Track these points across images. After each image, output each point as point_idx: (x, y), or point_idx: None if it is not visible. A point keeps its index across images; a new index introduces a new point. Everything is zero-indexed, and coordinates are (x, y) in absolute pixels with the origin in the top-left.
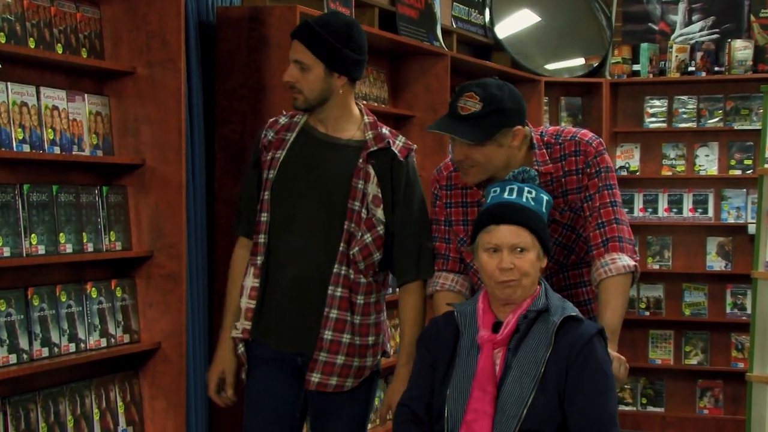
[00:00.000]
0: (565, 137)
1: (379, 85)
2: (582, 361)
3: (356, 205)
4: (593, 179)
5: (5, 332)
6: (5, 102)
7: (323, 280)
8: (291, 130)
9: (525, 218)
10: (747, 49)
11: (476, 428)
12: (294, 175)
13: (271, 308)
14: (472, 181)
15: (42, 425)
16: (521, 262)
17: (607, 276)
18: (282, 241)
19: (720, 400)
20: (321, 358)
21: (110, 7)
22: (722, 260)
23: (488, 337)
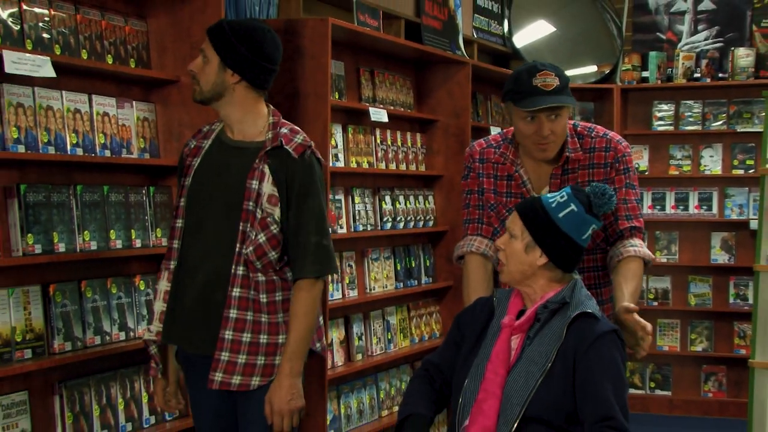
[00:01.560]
0: (598, 133)
1: (405, 92)
2: (591, 355)
3: (250, 206)
4: (620, 175)
5: (61, 322)
6: (60, 109)
7: (226, 282)
8: (208, 137)
9: (524, 210)
10: (749, 56)
11: (485, 408)
12: (204, 181)
13: (180, 312)
14: (551, 154)
15: (95, 407)
16: (507, 246)
17: (635, 255)
18: (192, 246)
19: (723, 385)
20: (222, 358)
21: (156, 20)
22: (726, 254)
23: (508, 321)
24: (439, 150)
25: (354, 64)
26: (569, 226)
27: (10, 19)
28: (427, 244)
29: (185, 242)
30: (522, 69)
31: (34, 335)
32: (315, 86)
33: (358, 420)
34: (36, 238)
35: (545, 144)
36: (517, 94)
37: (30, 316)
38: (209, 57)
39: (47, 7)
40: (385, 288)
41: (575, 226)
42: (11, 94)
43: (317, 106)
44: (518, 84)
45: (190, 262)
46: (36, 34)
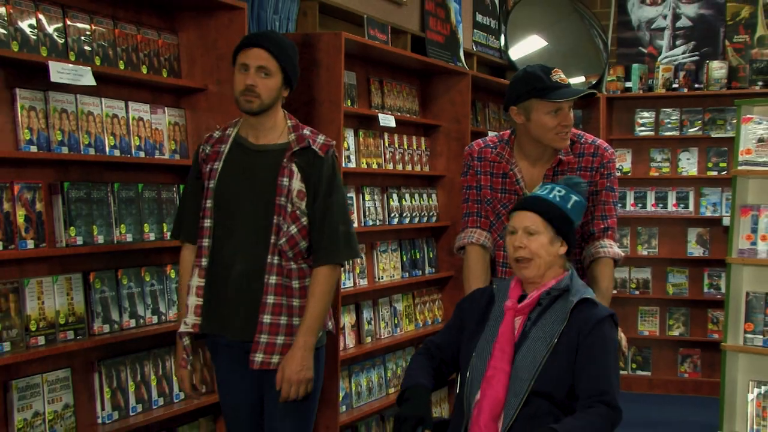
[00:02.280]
0: (587, 140)
1: (411, 99)
2: (593, 338)
3: (282, 201)
4: (603, 179)
5: (100, 306)
6: (100, 114)
7: (263, 272)
8: (224, 142)
9: (540, 207)
10: (722, 69)
11: (494, 383)
12: (231, 182)
13: (220, 303)
14: (568, 142)
15: (130, 384)
16: (531, 243)
17: (605, 256)
18: (225, 243)
19: (698, 366)
20: (262, 340)
21: (186, 34)
22: (701, 247)
23: (511, 305)
24: (441, 152)
25: (365, 74)
26: (576, 215)
27: (56, 33)
28: (430, 237)
29: (217, 240)
30: (535, 70)
31: (76, 318)
32: (329, 94)
33: (368, 396)
34: (78, 230)
35: (567, 133)
36: (543, 90)
37: (72, 301)
38: (273, 71)
39: (89, 23)
40: (392, 277)
41: (579, 214)
42: (56, 101)
43: (331, 112)
44: (541, 82)
45: (226, 257)
46: (78, 47)
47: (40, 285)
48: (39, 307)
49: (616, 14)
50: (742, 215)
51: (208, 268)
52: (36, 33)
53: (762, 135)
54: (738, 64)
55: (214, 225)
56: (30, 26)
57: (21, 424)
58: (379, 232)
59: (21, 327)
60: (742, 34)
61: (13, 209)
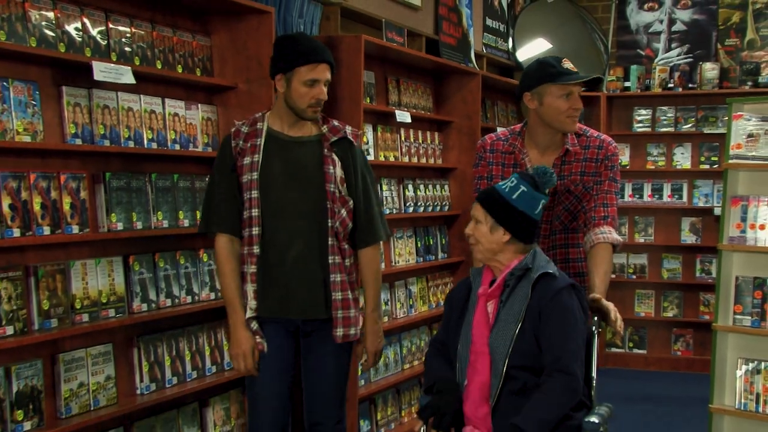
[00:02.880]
0: (593, 134)
1: (426, 98)
2: (551, 307)
3: (332, 187)
4: (607, 170)
5: (139, 287)
6: (139, 110)
7: (320, 253)
8: (258, 136)
9: (484, 199)
10: (714, 70)
11: (478, 367)
12: (276, 173)
13: (276, 286)
14: (575, 126)
15: (166, 358)
16: (475, 231)
17: (604, 241)
18: (277, 229)
19: (690, 344)
20: (339, 315)
21: (218, 37)
22: (693, 235)
23: (482, 291)
24: (453, 146)
25: (383, 74)
26: (523, 204)
27: (99, 35)
28: (443, 225)
29: (267, 227)
30: (547, 59)
31: (117, 298)
32: (350, 92)
33: (384, 372)
34: (118, 217)
35: (576, 116)
36: (555, 75)
37: (113, 282)
38: (329, 82)
39: (129, 26)
40: (407, 262)
41: (527, 203)
42: (99, 98)
43: (351, 109)
44: (553, 68)
45: (279, 242)
46: (119, 48)
47: (84, 267)
48: (83, 287)
49: (616, 19)
50: (732, 205)
51: (261, 255)
52: (81, 35)
53: (751, 131)
54: (729, 66)
55: (261, 214)
56: (76, 29)
57: (68, 393)
58: (395, 220)
59: (67, 305)
60: (733, 37)
61: (60, 197)
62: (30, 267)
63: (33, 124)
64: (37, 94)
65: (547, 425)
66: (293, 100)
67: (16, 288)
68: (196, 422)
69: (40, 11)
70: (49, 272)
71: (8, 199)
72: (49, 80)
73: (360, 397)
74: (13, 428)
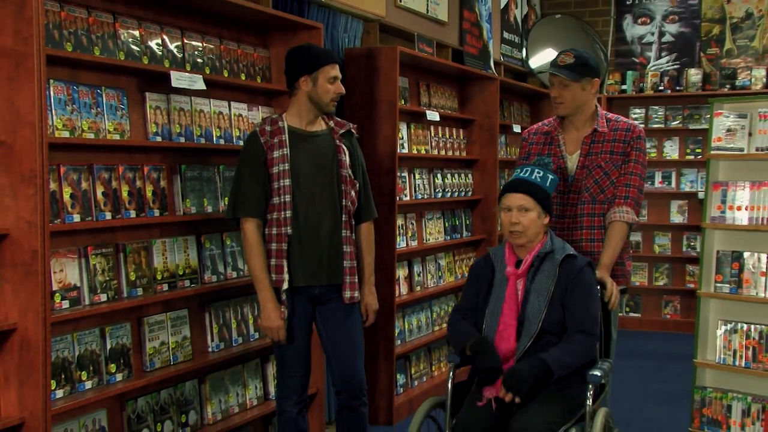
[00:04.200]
0: (622, 119)
1: (452, 99)
2: (575, 283)
3: (345, 172)
4: (633, 151)
5: (209, 261)
6: (209, 112)
7: (337, 228)
8: (281, 132)
9: (529, 189)
10: (698, 75)
11: (505, 335)
12: (303, 162)
13: (310, 258)
14: (561, 113)
15: (233, 321)
16: (524, 218)
17: (619, 219)
18: (309, 211)
19: (678, 309)
20: (348, 280)
21: (275, 49)
22: (681, 216)
23: (512, 271)
24: (476, 141)
25: (415, 79)
26: (552, 190)
27: (176, 49)
28: (467, 208)
29: (299, 210)
30: (565, 49)
31: (191, 270)
32: (387, 95)
33: (417, 333)
34: (192, 202)
35: (556, 104)
36: (550, 65)
37: (188, 257)
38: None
39: (201, 41)
40: (436, 239)
41: (554, 188)
42: (176, 102)
43: (388, 110)
44: (553, 59)
45: (311, 221)
46: (193, 59)
47: (164, 244)
48: (163, 261)
49: (614, 32)
50: (714, 190)
51: (293, 234)
52: (161, 49)
53: (730, 126)
54: (710, 71)
55: (293, 198)
56: (157, 44)
57: (151, 350)
58: (426, 204)
59: (150, 277)
60: (714, 47)
61: (144, 186)
62: (119, 245)
63: (122, 125)
64: (125, 100)
65: (566, 367)
66: (319, 96)
67: (108, 262)
68: (258, 375)
69: (128, 30)
70: (135, 249)
71: (101, 187)
72: (135, 87)
73: (396, 355)
74: (108, 378)
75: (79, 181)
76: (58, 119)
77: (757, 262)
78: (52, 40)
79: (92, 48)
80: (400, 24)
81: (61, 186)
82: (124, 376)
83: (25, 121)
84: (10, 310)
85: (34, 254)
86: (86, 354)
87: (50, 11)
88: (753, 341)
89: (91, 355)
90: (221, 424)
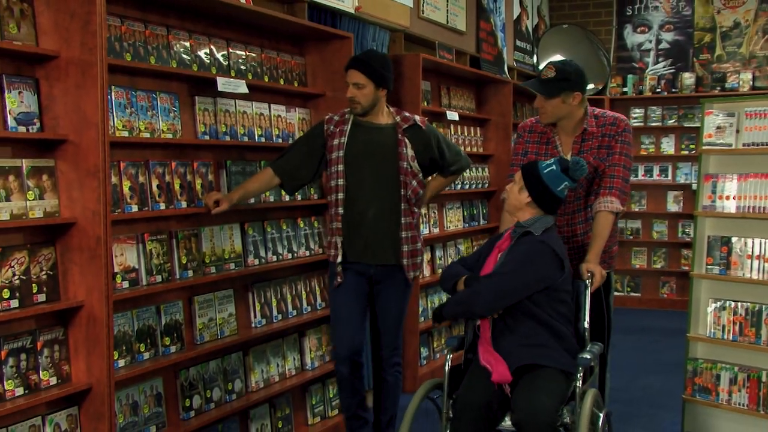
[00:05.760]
0: (608, 114)
1: (470, 101)
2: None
3: (405, 164)
4: (617, 144)
5: (252, 246)
6: (251, 113)
7: (393, 215)
8: (345, 123)
9: (526, 167)
10: (691, 78)
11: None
12: (358, 151)
13: (358, 237)
14: (543, 122)
15: (273, 301)
16: (510, 189)
17: (603, 210)
18: (359, 196)
19: (674, 289)
20: (407, 263)
21: (311, 56)
22: (676, 205)
23: (497, 243)
24: (491, 138)
25: (437, 83)
26: (548, 178)
27: (222, 57)
28: (483, 199)
29: (350, 194)
30: (550, 61)
31: (236, 255)
32: (411, 97)
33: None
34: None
35: (539, 114)
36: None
37: (233, 242)
38: (363, 84)
39: (244, 50)
40: (456, 227)
41: (552, 179)
42: (222, 104)
43: (413, 110)
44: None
45: (360, 205)
46: (237, 66)
47: (211, 231)
48: (211, 246)
49: (616, 39)
50: (705, 181)
51: (344, 215)
52: (209, 57)
53: (719, 124)
54: (703, 75)
55: (346, 183)
56: (205, 53)
57: (201, 326)
58: (447, 195)
59: (199, 260)
60: (706, 53)
61: (193, 179)
62: (172, 231)
63: (174, 125)
64: (177, 103)
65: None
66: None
67: (163, 247)
68: (297, 348)
69: (179, 41)
70: (186, 235)
71: (156, 180)
72: (186, 92)
73: (420, 330)
74: (163, 350)
75: (136, 176)
76: (119, 121)
77: (744, 246)
78: (114, 51)
79: (148, 57)
80: (422, 33)
81: (121, 180)
82: (177, 348)
83: (90, 123)
84: (78, 290)
85: (98, 240)
86: (144, 328)
87: (112, 25)
88: (740, 317)
89: (148, 329)
90: (263, 391)
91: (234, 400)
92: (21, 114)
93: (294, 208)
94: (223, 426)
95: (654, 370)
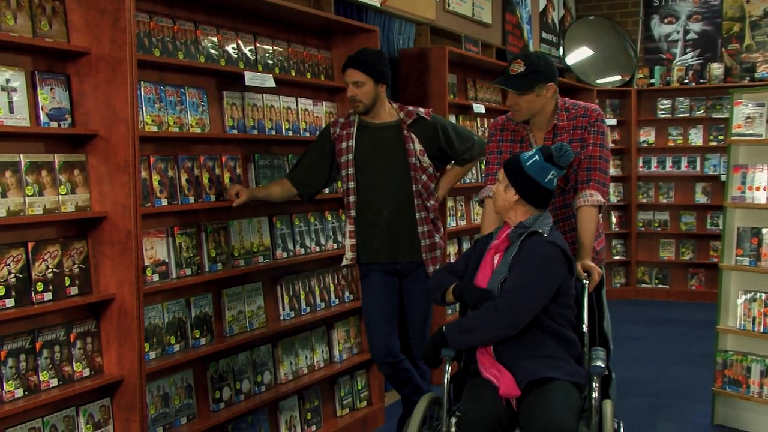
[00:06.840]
0: (580, 105)
1: (495, 93)
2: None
3: (413, 160)
4: (591, 135)
5: (280, 239)
6: (278, 107)
7: (407, 211)
8: (351, 125)
9: (507, 164)
10: (720, 69)
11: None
12: (367, 152)
13: (374, 238)
14: (518, 119)
15: (301, 292)
16: (496, 189)
17: (584, 205)
18: (372, 196)
19: (702, 280)
20: (426, 257)
21: (337, 50)
22: (705, 196)
23: (494, 244)
24: None
25: (463, 76)
26: (533, 171)
27: (249, 52)
28: None
29: (363, 195)
30: (515, 54)
31: (265, 248)
32: (438, 90)
33: None
34: None
35: (513, 112)
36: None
37: (261, 236)
38: (363, 81)
39: (271, 44)
40: None
41: (537, 171)
42: (249, 98)
43: (439, 103)
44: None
45: (374, 206)
46: (264, 61)
47: (240, 224)
48: (240, 240)
49: (643, 30)
50: (734, 172)
51: (359, 216)
52: (236, 52)
53: (749, 114)
54: (731, 65)
55: (357, 184)
56: (233, 48)
57: (230, 318)
58: (474, 187)
59: (228, 254)
60: (734, 43)
61: (222, 173)
62: (201, 225)
63: (202, 120)
64: (205, 97)
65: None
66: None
67: (192, 241)
68: (325, 340)
69: (207, 36)
70: (215, 229)
71: (185, 174)
72: (214, 86)
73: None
74: (193, 342)
75: (166, 170)
76: (148, 115)
77: None
78: (143, 47)
79: (177, 53)
80: (448, 26)
81: (150, 174)
82: (207, 340)
83: (119, 118)
84: (110, 282)
85: (129, 234)
86: (174, 321)
87: (141, 21)
88: None
89: (178, 322)
90: (292, 383)
91: (263, 392)
92: (53, 110)
93: (321, 202)
94: (252, 417)
95: (682, 362)
